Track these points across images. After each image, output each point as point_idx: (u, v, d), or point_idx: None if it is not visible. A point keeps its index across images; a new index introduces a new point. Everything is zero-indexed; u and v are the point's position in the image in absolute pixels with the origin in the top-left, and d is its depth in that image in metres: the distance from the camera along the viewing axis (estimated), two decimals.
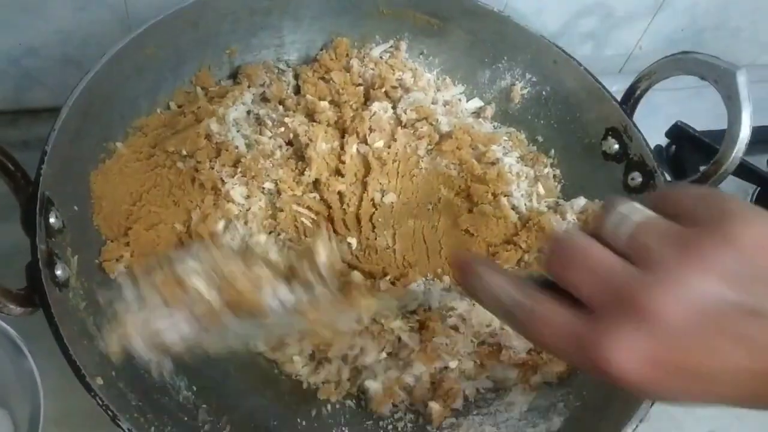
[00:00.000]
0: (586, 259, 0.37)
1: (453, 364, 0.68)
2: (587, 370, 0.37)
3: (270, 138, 0.75)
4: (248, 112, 0.78)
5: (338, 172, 0.75)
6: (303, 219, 0.73)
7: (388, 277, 0.70)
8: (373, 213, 0.74)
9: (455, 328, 0.68)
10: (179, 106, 0.77)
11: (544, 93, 0.83)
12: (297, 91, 0.81)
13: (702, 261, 0.34)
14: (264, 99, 0.79)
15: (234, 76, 0.81)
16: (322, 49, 0.83)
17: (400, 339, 0.69)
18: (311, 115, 0.77)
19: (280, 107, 0.78)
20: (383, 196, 0.75)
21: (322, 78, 0.80)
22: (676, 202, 0.38)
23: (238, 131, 0.75)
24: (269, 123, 0.76)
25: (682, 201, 0.38)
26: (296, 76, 0.82)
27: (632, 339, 0.35)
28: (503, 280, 0.40)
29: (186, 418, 0.61)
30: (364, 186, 0.75)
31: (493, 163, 0.78)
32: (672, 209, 0.38)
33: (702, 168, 0.72)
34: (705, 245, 0.35)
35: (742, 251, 0.34)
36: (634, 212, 0.38)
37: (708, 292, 0.34)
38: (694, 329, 0.34)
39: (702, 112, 0.94)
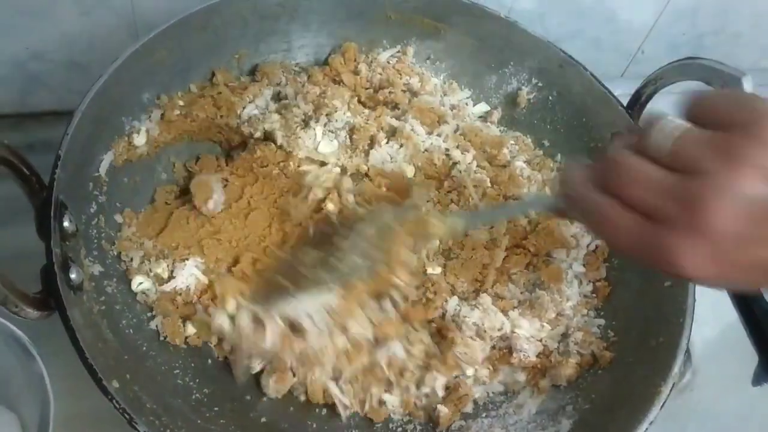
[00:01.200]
0: (638, 173, 0.41)
1: (470, 372, 0.69)
2: (659, 269, 0.41)
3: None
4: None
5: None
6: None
7: None
8: None
9: (472, 337, 0.69)
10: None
11: (550, 98, 0.83)
12: None
13: (745, 164, 0.37)
14: (279, 98, 0.80)
15: (252, 73, 0.82)
16: (330, 54, 0.84)
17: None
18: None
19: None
20: None
21: (333, 80, 0.81)
22: (710, 110, 0.41)
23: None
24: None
25: (717, 107, 0.41)
26: (309, 77, 0.82)
27: (695, 245, 0.39)
28: (586, 189, 0.44)
29: (199, 421, 0.61)
30: None
31: (504, 166, 0.78)
32: (707, 117, 0.40)
33: None
34: (746, 148, 0.38)
35: None
36: (674, 126, 0.41)
37: (755, 192, 0.37)
38: (748, 227, 0.38)
39: None
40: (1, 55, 0.82)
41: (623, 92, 0.79)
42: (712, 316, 0.86)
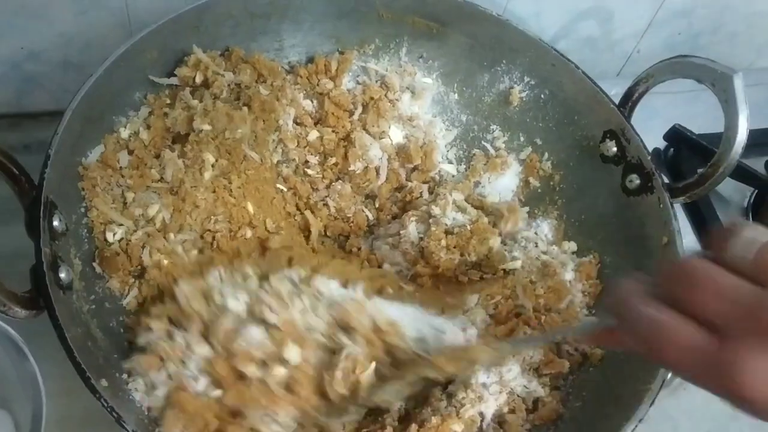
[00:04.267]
0: (712, 280, 0.36)
1: None
2: (713, 389, 0.36)
3: None
4: None
5: None
6: None
7: None
8: None
9: None
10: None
11: (542, 96, 0.83)
12: None
13: None
14: None
15: None
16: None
17: None
18: None
19: None
20: None
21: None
22: None
23: None
24: None
25: None
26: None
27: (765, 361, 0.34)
28: (634, 291, 0.40)
29: None
30: None
31: None
32: None
33: (699, 170, 0.73)
34: None
35: None
36: (757, 233, 0.37)
37: None
38: None
39: (699, 115, 0.95)
40: None
41: (620, 91, 0.78)
42: None
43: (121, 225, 0.66)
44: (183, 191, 0.68)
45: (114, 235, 0.66)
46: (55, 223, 0.59)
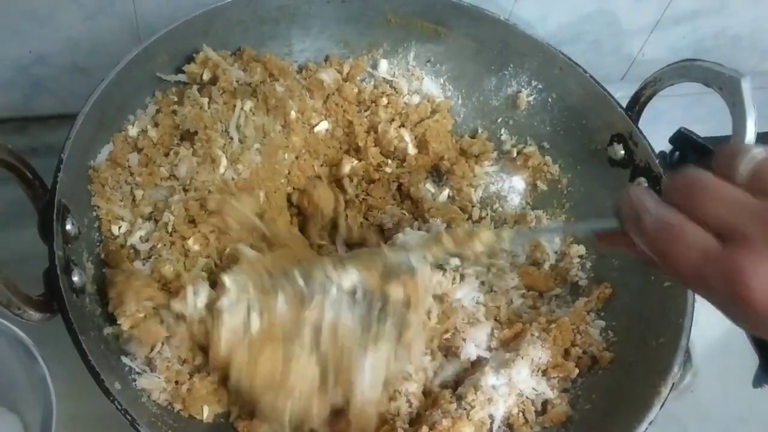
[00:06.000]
0: (718, 187, 0.38)
1: None
2: (716, 294, 0.38)
3: None
4: None
5: None
6: None
7: None
8: None
9: None
10: None
11: (550, 100, 0.83)
12: None
13: None
14: None
15: None
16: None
17: None
18: None
19: None
20: None
21: None
22: None
23: None
24: None
25: None
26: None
27: None
28: (645, 194, 0.42)
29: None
30: None
31: None
32: None
33: None
34: None
35: None
36: (756, 151, 0.39)
37: None
38: None
39: (704, 118, 0.95)
40: (5, 59, 0.83)
41: (624, 95, 0.79)
42: (713, 319, 0.86)
43: (125, 220, 0.67)
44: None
45: (119, 228, 0.66)
46: (68, 226, 0.59)
